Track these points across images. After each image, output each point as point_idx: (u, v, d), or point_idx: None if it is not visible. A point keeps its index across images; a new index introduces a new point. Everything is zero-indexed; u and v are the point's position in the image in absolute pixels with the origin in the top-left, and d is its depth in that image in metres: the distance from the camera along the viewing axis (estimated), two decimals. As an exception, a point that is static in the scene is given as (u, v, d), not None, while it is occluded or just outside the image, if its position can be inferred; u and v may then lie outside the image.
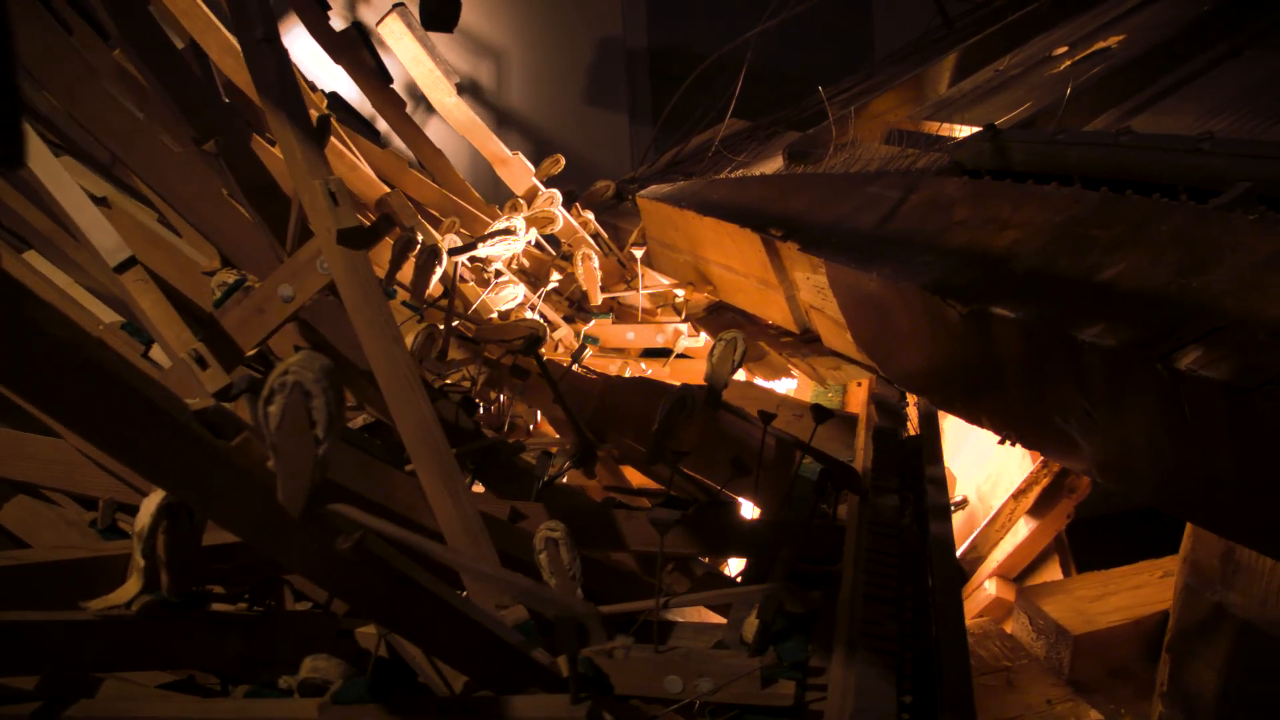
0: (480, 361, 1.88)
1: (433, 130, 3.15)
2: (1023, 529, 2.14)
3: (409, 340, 1.70)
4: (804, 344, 2.04)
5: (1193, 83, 2.23)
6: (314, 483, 0.79)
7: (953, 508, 2.37)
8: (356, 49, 2.63)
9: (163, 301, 1.29)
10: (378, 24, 2.53)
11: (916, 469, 1.48)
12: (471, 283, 2.12)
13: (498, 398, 1.93)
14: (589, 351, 2.17)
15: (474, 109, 7.22)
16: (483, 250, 1.92)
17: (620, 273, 2.62)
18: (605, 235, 2.75)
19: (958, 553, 1.72)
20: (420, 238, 1.97)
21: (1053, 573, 2.16)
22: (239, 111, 2.02)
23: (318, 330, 1.38)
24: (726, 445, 1.63)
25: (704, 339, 2.36)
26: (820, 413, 1.53)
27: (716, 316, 2.33)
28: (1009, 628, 1.80)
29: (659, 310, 2.65)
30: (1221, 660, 1.33)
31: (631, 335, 2.41)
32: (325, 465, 0.79)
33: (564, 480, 1.88)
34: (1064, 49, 2.71)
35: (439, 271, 1.94)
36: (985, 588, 2.24)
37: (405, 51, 2.51)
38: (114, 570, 1.17)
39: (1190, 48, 2.30)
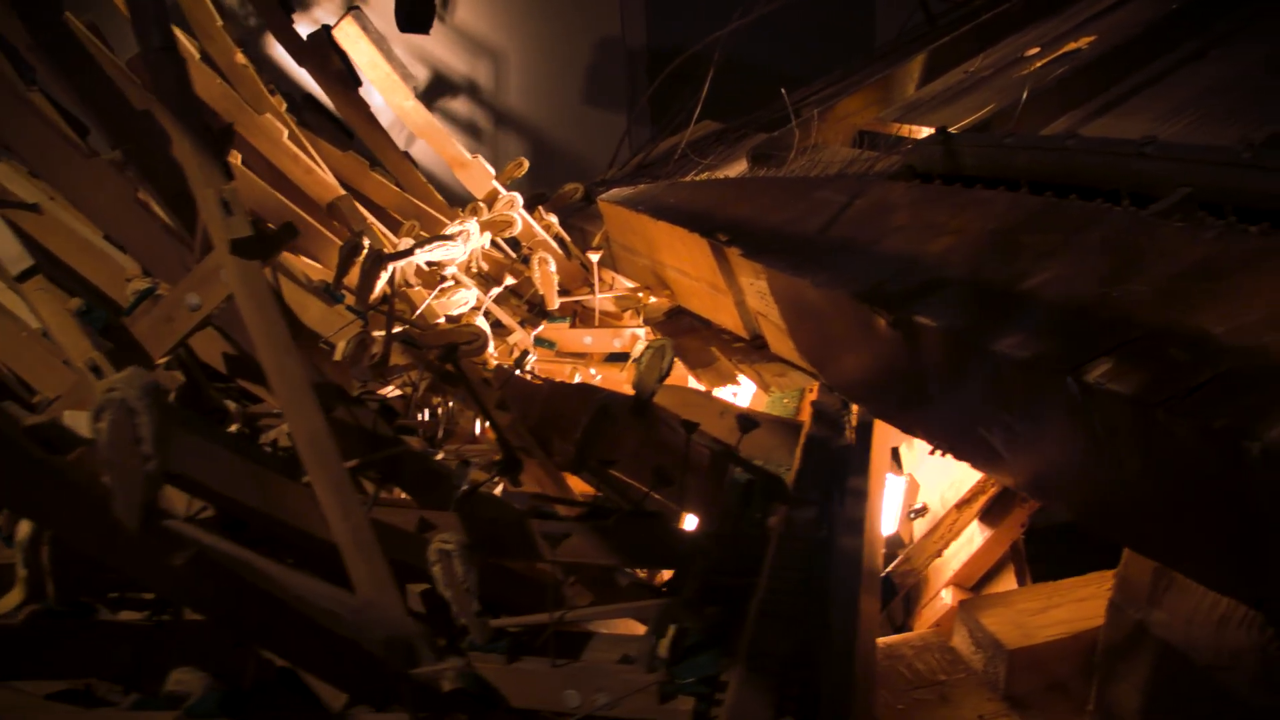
0: (422, 367, 1.86)
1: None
2: (978, 538, 2.11)
3: (340, 347, 1.69)
4: (754, 350, 2.01)
5: (1157, 84, 2.18)
6: (147, 498, 0.78)
7: (912, 515, 2.34)
8: (324, 51, 2.63)
9: (62, 311, 1.29)
10: (333, 27, 2.52)
11: (842, 479, 1.45)
12: (418, 287, 2.11)
13: (442, 404, 1.92)
14: (533, 356, 2.16)
15: (472, 109, 7.22)
16: (420, 256, 1.91)
17: (584, 276, 2.60)
18: (567, 238, 2.73)
19: (893, 565, 1.69)
20: (367, 242, 1.96)
21: (1008, 582, 2.12)
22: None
23: (231, 338, 1.37)
24: (655, 454, 1.61)
25: (662, 344, 2.33)
26: (745, 422, 1.51)
27: (675, 321, 2.31)
28: (955, 639, 1.77)
29: (626, 314, 2.63)
30: (1144, 680, 1.30)
31: (589, 340, 2.39)
32: (158, 482, 0.78)
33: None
34: (1035, 50, 2.67)
35: (385, 276, 1.93)
36: (942, 597, 2.21)
37: (362, 55, 2.51)
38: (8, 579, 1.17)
39: (1155, 48, 2.26)
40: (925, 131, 2.42)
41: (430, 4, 3.06)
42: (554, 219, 2.76)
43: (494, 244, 2.55)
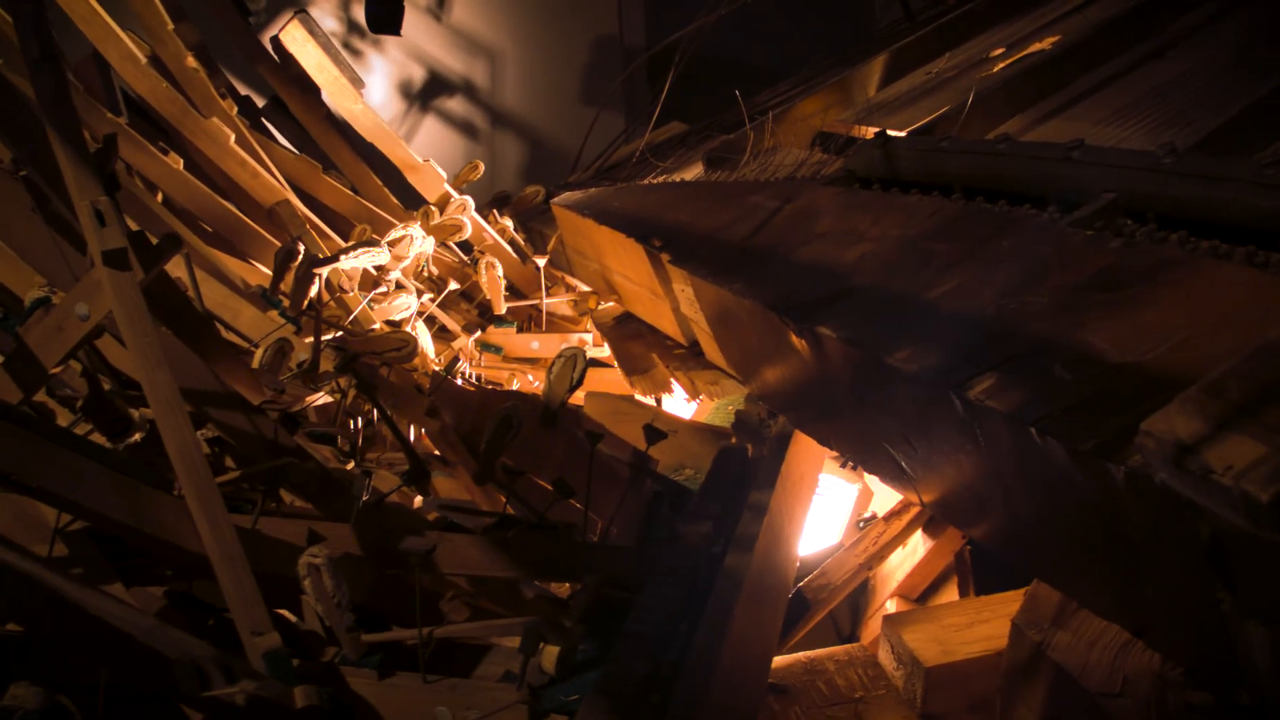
0: (332, 376, 1.85)
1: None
2: (921, 548, 2.06)
3: (258, 354, 1.69)
4: (693, 357, 1.98)
5: (1111, 85, 2.12)
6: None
7: (861, 524, 2.30)
8: (283, 54, 2.63)
9: (-58, 320, 1.29)
10: (279, 31, 2.52)
11: (743, 493, 1.42)
12: (354, 293, 2.10)
13: (371, 411, 1.91)
14: (464, 363, 2.14)
15: (469, 109, 7.22)
16: (345, 263, 1.90)
17: (540, 280, 2.58)
18: (521, 242, 2.71)
19: (807, 580, 1.65)
20: (302, 249, 1.96)
21: (953, 594, 2.07)
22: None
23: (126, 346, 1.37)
24: (563, 464, 1.59)
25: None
26: (651, 433, 1.48)
27: (623, 326, 2.29)
28: (880, 655, 1.73)
29: (585, 319, 2.61)
30: (1039, 705, 1.26)
31: (536, 345, 2.37)
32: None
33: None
34: (1001, 50, 2.61)
35: (319, 282, 1.92)
36: (887, 608, 2.17)
37: (309, 59, 2.50)
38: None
39: (1112, 48, 2.20)
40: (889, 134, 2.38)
41: (399, 5, 3.05)
42: (509, 223, 2.74)
43: (445, 247, 2.54)
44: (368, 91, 6.42)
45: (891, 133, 2.29)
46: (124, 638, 0.82)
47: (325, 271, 1.81)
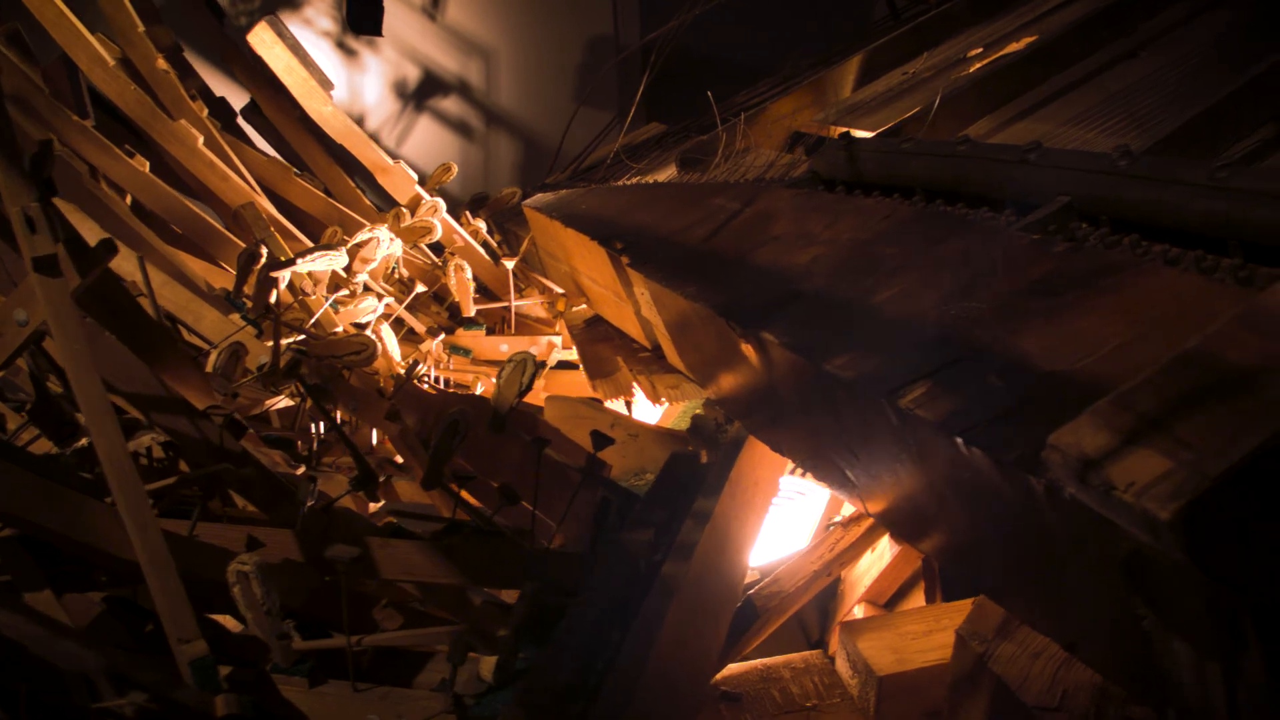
0: (297, 379, 1.84)
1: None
2: (889, 553, 2.04)
3: (211, 358, 1.68)
4: (656, 360, 1.97)
5: (1083, 85, 2.10)
6: None
7: (830, 528, 2.28)
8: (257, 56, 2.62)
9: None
10: (247, 34, 2.52)
11: (689, 500, 1.41)
12: (316, 295, 2.09)
13: (333, 413, 1.90)
14: (422, 367, 2.13)
15: (464, 109, 7.22)
16: (303, 266, 1.89)
17: (514, 282, 2.57)
18: (494, 243, 2.70)
19: (757, 588, 1.64)
20: (264, 251, 1.95)
21: (920, 600, 2.05)
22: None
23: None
24: (517, 469, 1.58)
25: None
26: (599, 439, 1.47)
27: (593, 329, 2.28)
28: (838, 662, 1.72)
29: (559, 321, 2.60)
30: (981, 718, 1.24)
31: (504, 347, 2.36)
32: None
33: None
34: (979, 50, 2.58)
35: (283, 285, 1.92)
36: (855, 613, 2.15)
37: (277, 61, 2.49)
38: None
39: (1088, 47, 2.17)
40: (859, 134, 2.36)
41: (378, 5, 3.05)
42: (482, 224, 2.73)
43: (417, 249, 2.53)
44: (364, 91, 6.43)
45: (858, 133, 2.27)
46: (15, 647, 0.81)
47: (283, 275, 1.80)
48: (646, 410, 2.26)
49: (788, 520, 2.00)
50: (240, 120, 2.94)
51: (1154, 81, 1.95)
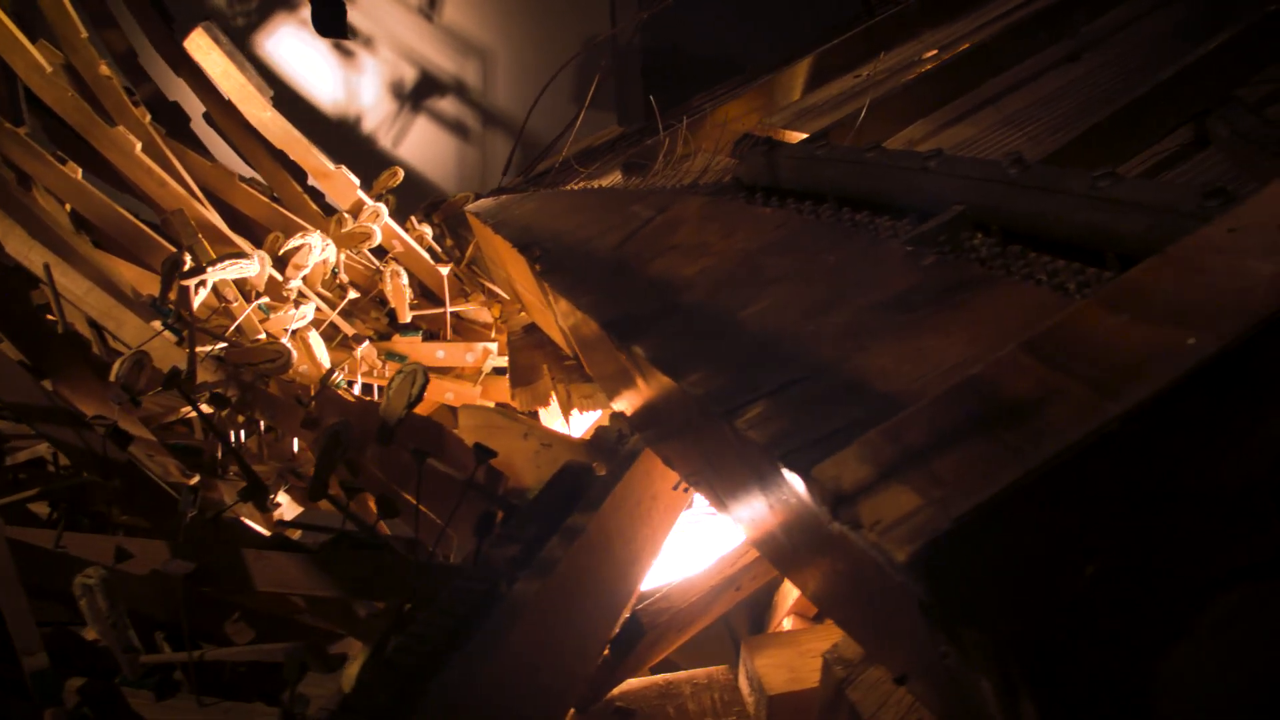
0: (232, 384, 1.85)
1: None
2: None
3: (114, 367, 1.69)
4: (579, 369, 1.94)
5: (1018, 89, 2.03)
6: None
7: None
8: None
9: None
10: (184, 40, 2.53)
11: (563, 516, 1.38)
12: (236, 303, 2.09)
13: (254, 421, 1.90)
14: (339, 375, 2.13)
15: (460, 109, 7.24)
16: (214, 274, 1.89)
17: (459, 287, 2.56)
18: (438, 249, 2.69)
19: (646, 604, 1.60)
20: (189, 259, 1.96)
21: (848, 617, 2.01)
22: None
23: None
24: (435, 482, 1.56)
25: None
26: (481, 452, 1.45)
27: (530, 335, 2.26)
28: (739, 679, 1.68)
29: (503, 325, 2.58)
30: (841, 746, 1.20)
31: (441, 354, 2.35)
32: None
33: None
34: (934, 52, 2.52)
35: (203, 293, 1.92)
36: (784, 626, 2.11)
37: (214, 66, 2.50)
38: None
39: (1023, 50, 2.10)
40: (797, 138, 2.32)
41: (340, 7, 3.05)
42: (428, 230, 2.72)
43: (358, 254, 2.53)
44: (362, 92, 6.46)
45: (794, 137, 2.23)
46: None
47: (193, 283, 1.81)
48: (582, 420, 2.24)
49: (703, 537, 1.96)
50: (205, 125, 2.97)
51: (1086, 83, 1.88)
